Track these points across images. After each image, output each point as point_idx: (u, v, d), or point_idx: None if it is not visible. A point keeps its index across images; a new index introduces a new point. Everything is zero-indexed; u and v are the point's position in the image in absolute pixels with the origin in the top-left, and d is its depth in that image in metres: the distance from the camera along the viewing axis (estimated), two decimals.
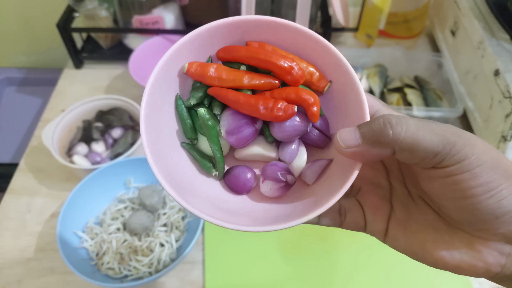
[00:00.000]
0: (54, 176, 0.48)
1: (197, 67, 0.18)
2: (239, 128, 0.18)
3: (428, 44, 0.66)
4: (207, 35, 0.18)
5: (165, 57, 0.18)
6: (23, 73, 0.77)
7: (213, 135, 0.18)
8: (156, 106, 0.17)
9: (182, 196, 0.16)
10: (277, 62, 0.17)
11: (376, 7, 0.55)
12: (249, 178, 0.19)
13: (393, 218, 0.18)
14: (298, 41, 0.18)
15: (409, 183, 0.18)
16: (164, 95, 0.18)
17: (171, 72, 0.18)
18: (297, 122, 0.18)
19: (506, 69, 0.43)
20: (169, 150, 0.18)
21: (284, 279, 0.39)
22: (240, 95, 0.18)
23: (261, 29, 0.18)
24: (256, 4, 0.50)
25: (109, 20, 0.58)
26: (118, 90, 0.58)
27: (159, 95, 0.17)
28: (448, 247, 0.16)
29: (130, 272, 0.38)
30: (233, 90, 0.18)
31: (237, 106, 0.18)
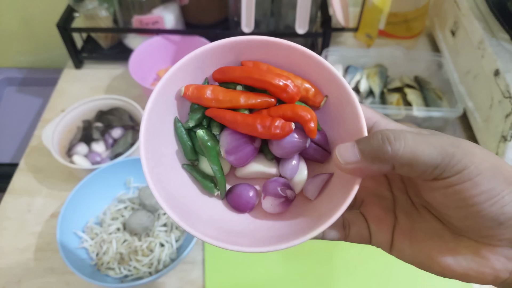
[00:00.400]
0: (54, 176, 0.48)
1: (194, 90, 0.18)
2: (238, 147, 0.18)
3: (428, 44, 0.66)
4: (202, 57, 0.19)
5: (162, 82, 0.18)
6: (23, 73, 0.77)
7: (213, 156, 0.18)
8: (155, 130, 0.18)
9: (184, 221, 0.16)
10: (272, 81, 0.17)
11: (376, 7, 0.55)
12: (251, 196, 0.19)
13: (397, 229, 0.18)
14: (292, 58, 0.18)
15: (411, 193, 0.18)
16: (163, 118, 0.18)
17: (169, 96, 0.18)
18: (296, 139, 0.18)
19: (506, 69, 0.43)
20: (171, 173, 0.18)
21: (284, 279, 0.39)
22: (237, 115, 0.18)
23: (255, 48, 0.19)
24: (256, 4, 0.50)
25: (109, 20, 0.58)
26: (118, 90, 0.58)
27: (157, 119, 0.18)
28: (455, 255, 0.16)
29: (130, 272, 0.38)
30: (230, 111, 0.18)
31: (235, 126, 0.18)
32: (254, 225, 0.19)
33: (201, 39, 0.56)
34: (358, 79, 0.55)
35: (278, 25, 0.58)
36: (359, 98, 0.54)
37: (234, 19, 0.56)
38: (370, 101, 0.53)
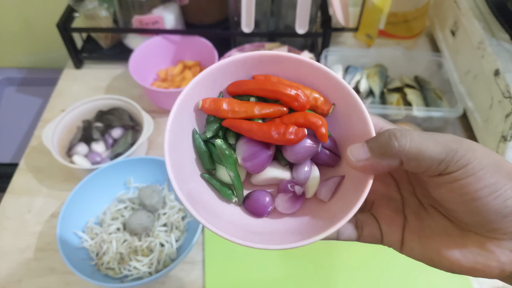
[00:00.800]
0: (54, 176, 0.48)
1: (211, 103, 0.20)
2: (255, 154, 0.19)
3: (428, 44, 0.66)
4: (217, 73, 0.20)
5: (181, 96, 0.19)
6: (23, 73, 0.77)
7: (231, 163, 0.20)
8: (175, 141, 0.19)
9: (210, 222, 0.17)
10: (284, 91, 0.19)
11: (376, 7, 0.55)
12: (268, 201, 0.20)
13: (407, 228, 0.19)
14: (300, 71, 0.20)
15: (419, 194, 0.19)
16: (182, 131, 0.20)
17: (187, 109, 0.20)
18: (308, 144, 0.19)
19: (506, 69, 0.43)
20: (191, 181, 0.19)
21: (284, 279, 0.39)
22: (253, 123, 0.19)
23: (265, 63, 0.20)
24: (256, 5, 0.50)
25: (109, 20, 0.58)
26: (118, 90, 0.58)
27: (177, 131, 0.19)
28: (462, 250, 0.17)
29: (130, 272, 0.38)
30: (246, 120, 0.20)
31: (251, 134, 0.19)
32: (272, 227, 0.20)
33: (201, 39, 0.56)
34: (358, 79, 0.55)
35: (278, 25, 0.58)
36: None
37: (234, 19, 0.56)
38: (370, 101, 0.53)
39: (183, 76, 0.56)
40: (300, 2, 0.49)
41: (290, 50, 0.55)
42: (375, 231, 0.19)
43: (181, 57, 0.59)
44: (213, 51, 0.54)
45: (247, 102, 0.20)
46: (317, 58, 0.57)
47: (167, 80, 0.57)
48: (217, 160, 0.20)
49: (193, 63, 0.58)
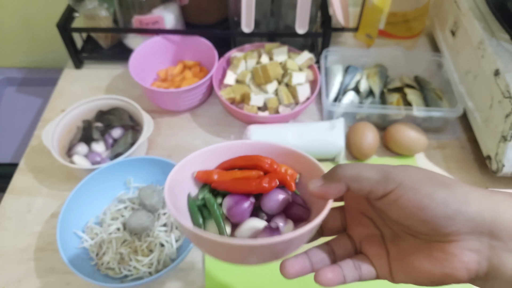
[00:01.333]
0: (54, 176, 0.48)
1: (204, 174, 0.25)
2: (237, 203, 0.23)
3: (428, 44, 0.66)
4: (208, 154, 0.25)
5: (176, 167, 0.24)
6: (23, 73, 0.77)
7: (218, 216, 0.23)
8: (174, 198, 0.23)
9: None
10: (262, 160, 0.25)
11: (376, 7, 0.55)
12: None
13: (390, 258, 0.21)
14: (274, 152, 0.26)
15: (389, 223, 0.22)
16: (179, 192, 0.24)
17: (183, 176, 0.25)
18: (281, 193, 0.24)
19: (506, 69, 0.43)
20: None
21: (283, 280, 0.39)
22: (236, 180, 0.24)
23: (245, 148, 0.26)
24: (256, 4, 0.50)
25: (109, 20, 0.59)
26: (118, 90, 0.58)
27: (175, 191, 0.24)
28: (430, 260, 0.19)
29: (130, 272, 0.38)
30: (230, 179, 0.24)
31: (234, 188, 0.24)
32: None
33: (201, 39, 0.56)
34: (358, 79, 0.55)
35: (278, 25, 0.58)
36: (359, 98, 0.54)
37: (234, 19, 0.56)
38: (370, 101, 0.53)
39: (183, 76, 0.56)
40: (300, 2, 0.49)
41: (290, 50, 0.55)
42: (371, 269, 0.21)
43: (181, 57, 0.59)
44: (213, 51, 0.54)
45: (232, 170, 0.25)
46: (317, 58, 0.57)
47: (167, 80, 0.57)
48: (206, 216, 0.24)
49: (193, 63, 0.58)
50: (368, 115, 0.51)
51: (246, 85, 0.52)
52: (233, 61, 0.54)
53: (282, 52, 0.54)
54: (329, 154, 0.48)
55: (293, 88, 0.51)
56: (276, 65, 0.51)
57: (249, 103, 0.50)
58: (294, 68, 0.52)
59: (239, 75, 0.53)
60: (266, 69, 0.50)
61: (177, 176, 0.24)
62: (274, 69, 0.50)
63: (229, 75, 0.53)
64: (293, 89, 0.51)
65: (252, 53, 0.54)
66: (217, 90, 0.51)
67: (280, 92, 0.51)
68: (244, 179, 0.24)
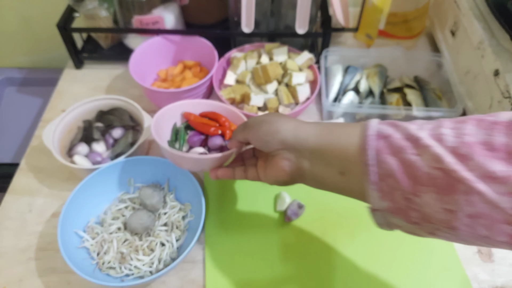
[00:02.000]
0: (55, 176, 0.48)
1: (187, 114, 0.44)
2: (194, 136, 0.42)
3: (428, 44, 0.66)
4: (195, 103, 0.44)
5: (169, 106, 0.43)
6: (23, 73, 0.77)
7: (181, 138, 0.42)
8: (159, 128, 0.40)
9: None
10: (220, 118, 0.43)
11: (376, 7, 0.55)
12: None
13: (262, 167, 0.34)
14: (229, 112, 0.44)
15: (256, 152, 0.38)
16: (168, 122, 0.43)
17: (174, 112, 0.43)
18: (219, 139, 0.41)
19: (506, 69, 0.43)
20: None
21: (284, 278, 0.39)
22: (202, 123, 0.42)
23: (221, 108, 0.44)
24: (256, 4, 0.51)
25: (109, 20, 0.59)
26: (118, 90, 0.58)
27: (163, 123, 0.42)
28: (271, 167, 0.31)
29: (131, 271, 0.38)
30: (197, 122, 0.42)
31: (198, 127, 0.42)
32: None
33: (201, 39, 0.56)
34: (358, 79, 0.55)
35: (278, 25, 0.58)
36: (358, 98, 0.54)
37: (234, 19, 0.56)
38: (370, 101, 0.53)
39: (183, 76, 0.56)
40: (300, 2, 0.50)
41: (290, 50, 0.55)
42: (254, 174, 0.34)
43: (181, 57, 0.59)
44: (213, 51, 0.54)
45: (204, 118, 0.43)
46: (317, 58, 0.57)
47: (167, 80, 0.57)
48: (178, 138, 0.42)
49: (193, 63, 0.58)
50: (368, 115, 0.51)
51: (246, 85, 0.52)
52: (233, 61, 0.54)
53: (282, 52, 0.54)
54: None
55: (293, 88, 0.51)
56: (276, 65, 0.51)
57: (249, 103, 0.50)
58: (294, 68, 0.52)
59: (239, 75, 0.53)
60: (266, 69, 0.50)
61: (169, 112, 0.42)
62: (274, 69, 0.51)
63: (229, 75, 0.53)
64: (293, 89, 0.51)
65: (252, 53, 0.54)
66: (217, 90, 0.51)
67: (280, 92, 0.51)
68: (205, 124, 0.41)
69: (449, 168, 0.21)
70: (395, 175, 0.22)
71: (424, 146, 0.22)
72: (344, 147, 0.26)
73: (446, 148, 0.21)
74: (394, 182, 0.23)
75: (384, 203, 0.24)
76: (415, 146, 0.22)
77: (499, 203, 0.19)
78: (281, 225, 0.43)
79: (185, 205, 0.43)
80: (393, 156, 0.23)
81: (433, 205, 0.21)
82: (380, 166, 0.23)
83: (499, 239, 0.20)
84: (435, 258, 0.40)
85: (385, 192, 0.23)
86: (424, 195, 0.22)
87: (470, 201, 0.20)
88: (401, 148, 0.23)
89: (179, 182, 0.43)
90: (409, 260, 0.40)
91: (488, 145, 0.20)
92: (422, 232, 0.24)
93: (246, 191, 0.46)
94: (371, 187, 0.24)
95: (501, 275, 0.40)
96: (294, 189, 0.46)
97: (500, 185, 0.19)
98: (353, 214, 0.44)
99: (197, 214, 0.41)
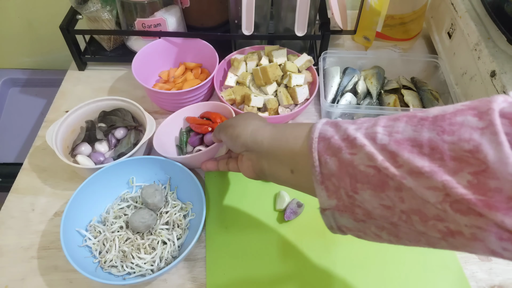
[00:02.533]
0: (58, 176, 0.48)
1: (188, 118, 0.50)
2: (194, 136, 0.49)
3: (425, 46, 0.67)
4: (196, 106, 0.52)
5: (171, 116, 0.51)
6: (27, 74, 0.78)
7: (183, 142, 0.49)
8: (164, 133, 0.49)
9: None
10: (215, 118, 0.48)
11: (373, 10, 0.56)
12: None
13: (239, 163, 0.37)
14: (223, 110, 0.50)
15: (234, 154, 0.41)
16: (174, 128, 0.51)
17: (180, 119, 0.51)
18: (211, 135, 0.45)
19: (502, 70, 0.44)
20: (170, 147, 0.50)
21: (284, 276, 0.39)
22: (199, 125, 0.49)
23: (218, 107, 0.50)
24: (256, 7, 0.51)
25: (111, 23, 0.59)
26: (121, 91, 0.59)
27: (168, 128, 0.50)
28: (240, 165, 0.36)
29: (133, 269, 0.38)
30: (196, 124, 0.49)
31: (196, 128, 0.48)
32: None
33: (203, 42, 0.57)
34: (355, 81, 0.55)
35: (277, 28, 0.59)
36: (356, 99, 0.54)
37: (235, 22, 0.57)
38: (367, 102, 0.54)
39: (185, 78, 0.57)
40: (299, 5, 0.50)
41: (289, 52, 0.56)
42: (235, 166, 0.38)
43: (183, 59, 0.60)
44: (214, 54, 0.55)
45: (201, 119, 0.50)
46: (316, 60, 0.58)
47: (168, 81, 0.58)
48: (183, 141, 0.49)
49: (194, 65, 0.59)
50: (366, 115, 0.52)
51: (247, 87, 0.53)
52: (234, 63, 0.55)
53: (282, 55, 0.54)
54: None
55: (292, 90, 0.51)
56: (275, 66, 0.52)
57: (249, 104, 0.51)
58: (293, 70, 0.53)
59: (240, 77, 0.54)
60: (266, 70, 0.51)
61: (172, 121, 0.50)
62: (273, 71, 0.51)
63: (230, 77, 0.54)
64: (292, 90, 0.51)
65: (253, 55, 0.55)
66: (218, 91, 0.52)
67: (279, 94, 0.52)
68: (201, 125, 0.48)
69: (381, 165, 0.21)
70: (336, 174, 0.24)
71: (359, 146, 0.23)
72: (293, 149, 0.28)
73: (377, 146, 0.22)
74: (336, 181, 0.24)
75: (331, 201, 0.25)
76: (351, 146, 0.23)
77: (428, 198, 0.20)
78: (280, 223, 0.43)
79: (186, 204, 0.43)
80: (332, 157, 0.24)
81: (372, 202, 0.22)
82: (323, 166, 0.24)
83: (434, 235, 0.21)
84: (433, 257, 0.41)
85: (331, 191, 0.24)
86: (363, 192, 0.22)
87: (401, 197, 0.21)
88: (339, 148, 0.24)
89: (181, 181, 0.44)
90: (407, 258, 0.41)
91: (414, 141, 0.21)
92: (370, 232, 0.24)
93: (246, 190, 0.46)
94: (318, 186, 0.25)
95: (499, 274, 0.40)
96: None
97: (427, 180, 0.19)
98: None
99: (198, 213, 0.41)
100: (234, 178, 0.47)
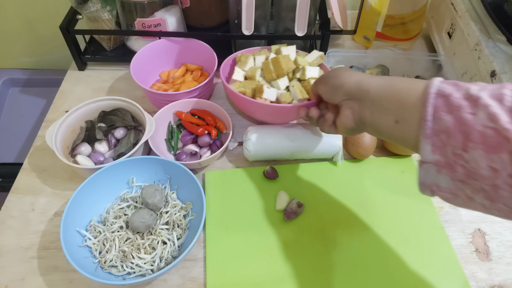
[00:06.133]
0: (58, 176, 0.48)
1: (178, 112, 0.51)
2: (186, 135, 0.50)
3: (425, 46, 0.67)
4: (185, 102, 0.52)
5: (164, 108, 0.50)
6: (27, 74, 0.78)
7: (175, 138, 0.50)
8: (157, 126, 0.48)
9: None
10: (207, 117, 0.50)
11: (373, 9, 0.56)
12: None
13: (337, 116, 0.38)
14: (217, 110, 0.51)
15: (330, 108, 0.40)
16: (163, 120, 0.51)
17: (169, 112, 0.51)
18: (207, 138, 0.49)
19: (503, 70, 0.44)
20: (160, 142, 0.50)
21: (284, 276, 0.39)
22: (191, 123, 0.50)
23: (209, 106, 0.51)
24: (256, 7, 0.51)
25: (111, 23, 0.59)
26: (120, 91, 0.59)
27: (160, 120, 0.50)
28: (339, 116, 0.36)
29: (133, 269, 0.38)
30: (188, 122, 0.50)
31: (189, 127, 0.50)
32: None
33: (203, 44, 0.57)
34: None
35: (277, 28, 0.59)
36: None
37: (235, 22, 0.57)
38: None
39: (184, 79, 0.57)
40: (299, 5, 0.50)
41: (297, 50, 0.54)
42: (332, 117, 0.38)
43: (183, 59, 0.59)
44: (213, 56, 0.55)
45: (193, 116, 0.50)
46: None
47: (168, 82, 0.58)
48: (173, 136, 0.50)
49: (195, 67, 0.58)
50: None
51: (256, 80, 0.49)
52: (241, 58, 0.50)
53: (291, 51, 0.50)
54: (327, 153, 0.49)
55: (307, 82, 0.46)
56: (288, 58, 0.47)
57: (261, 96, 0.45)
58: (306, 64, 0.49)
59: (249, 71, 0.49)
60: (278, 61, 0.46)
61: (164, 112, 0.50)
62: (286, 62, 0.46)
63: (237, 72, 0.49)
64: (307, 83, 0.46)
65: (260, 52, 0.52)
66: (227, 84, 0.47)
67: (292, 88, 0.47)
68: (194, 125, 0.49)
69: (502, 127, 0.22)
70: (449, 131, 0.24)
71: (482, 105, 0.23)
72: (402, 99, 0.28)
73: (504, 108, 0.22)
74: (447, 138, 0.24)
75: (434, 156, 0.25)
76: (473, 105, 0.23)
77: None
78: (280, 223, 0.43)
79: (186, 204, 0.43)
80: (449, 114, 0.24)
81: (480, 162, 0.23)
82: (436, 122, 0.25)
83: None
84: (433, 257, 0.41)
85: (437, 147, 0.25)
86: (473, 151, 0.23)
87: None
88: (459, 106, 0.24)
89: (181, 181, 0.44)
90: (407, 258, 0.41)
91: None
92: (463, 194, 0.25)
93: (246, 190, 0.46)
94: (425, 140, 0.25)
95: (499, 274, 0.40)
96: (294, 189, 0.46)
97: None
98: (352, 213, 0.44)
99: (198, 213, 0.41)
100: (234, 178, 0.47)
